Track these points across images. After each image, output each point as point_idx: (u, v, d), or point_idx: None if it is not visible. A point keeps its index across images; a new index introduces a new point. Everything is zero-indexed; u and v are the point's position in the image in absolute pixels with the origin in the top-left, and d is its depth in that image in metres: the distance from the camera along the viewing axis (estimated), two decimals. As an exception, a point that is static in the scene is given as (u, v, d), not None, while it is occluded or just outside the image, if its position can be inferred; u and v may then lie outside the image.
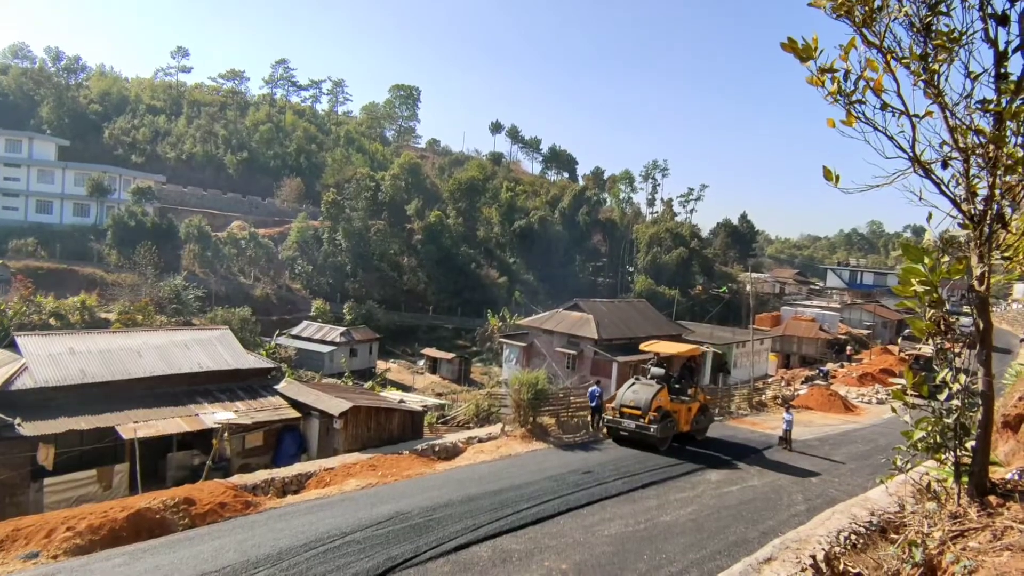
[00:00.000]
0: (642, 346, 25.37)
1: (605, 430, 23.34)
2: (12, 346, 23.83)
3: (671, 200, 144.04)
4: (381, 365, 60.22)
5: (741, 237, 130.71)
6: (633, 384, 22.82)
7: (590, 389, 24.97)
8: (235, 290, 70.70)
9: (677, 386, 23.20)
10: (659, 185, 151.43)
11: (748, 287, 72.78)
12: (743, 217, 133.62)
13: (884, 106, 4.38)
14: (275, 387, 26.35)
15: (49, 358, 22.73)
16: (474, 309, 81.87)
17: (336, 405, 23.27)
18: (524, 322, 51.94)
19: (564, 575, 10.92)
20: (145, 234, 68.60)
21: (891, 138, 4.48)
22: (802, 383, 48.34)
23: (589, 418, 24.64)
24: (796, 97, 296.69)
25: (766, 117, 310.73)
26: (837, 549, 10.05)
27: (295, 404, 24.86)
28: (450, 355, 62.35)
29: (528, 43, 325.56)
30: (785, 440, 23.90)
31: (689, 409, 22.88)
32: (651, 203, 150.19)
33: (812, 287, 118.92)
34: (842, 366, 56.23)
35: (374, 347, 60.21)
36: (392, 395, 34.69)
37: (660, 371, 23.47)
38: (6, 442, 18.90)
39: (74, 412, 20.86)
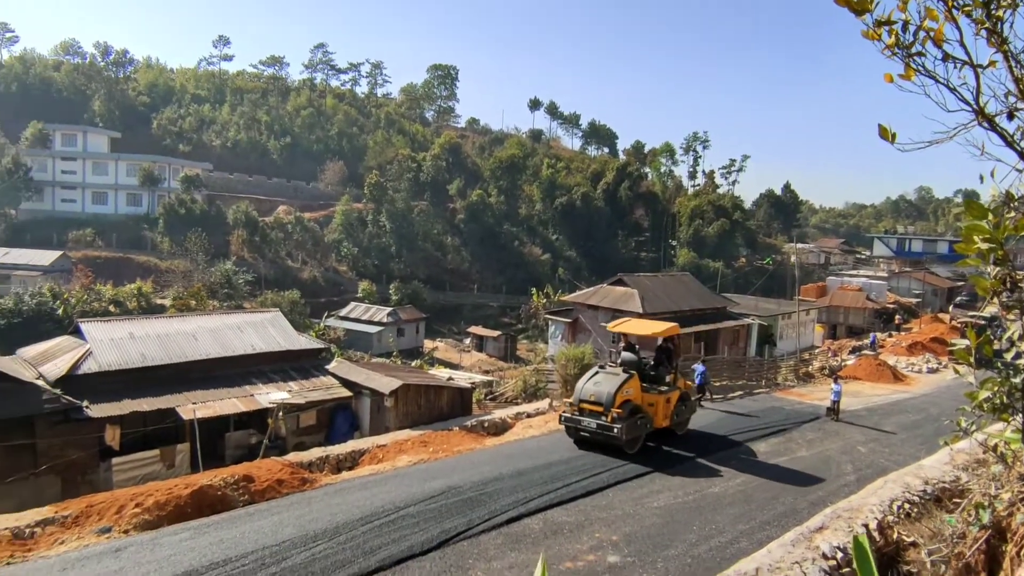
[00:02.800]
0: (609, 326, 21.35)
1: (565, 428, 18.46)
2: (77, 332, 24.77)
3: (713, 172, 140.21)
4: (428, 344, 60.85)
5: (784, 207, 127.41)
6: (595, 374, 18.11)
7: (697, 368, 25.46)
8: (283, 274, 72.10)
9: (652, 373, 18.78)
10: (700, 157, 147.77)
11: (792, 258, 71.26)
12: (786, 187, 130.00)
13: (946, 57, 4.19)
14: (326, 367, 26.90)
15: (111, 343, 23.56)
16: (518, 287, 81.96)
17: (386, 383, 23.66)
18: (568, 298, 51.76)
19: (614, 546, 10.98)
20: (195, 221, 70.38)
21: (953, 90, 4.30)
22: (849, 353, 47.31)
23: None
24: (840, 63, 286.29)
25: (808, 85, 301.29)
26: (890, 518, 9.87)
27: (346, 383, 25.36)
28: (496, 332, 62.68)
29: (564, 17, 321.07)
30: (833, 411, 23.47)
31: (668, 401, 18.33)
32: (692, 176, 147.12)
33: (858, 256, 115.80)
34: (891, 335, 54.81)
35: (421, 326, 60.72)
36: (440, 373, 35.09)
37: (630, 356, 18.62)
38: (76, 424, 19.80)
39: (136, 394, 21.67)
